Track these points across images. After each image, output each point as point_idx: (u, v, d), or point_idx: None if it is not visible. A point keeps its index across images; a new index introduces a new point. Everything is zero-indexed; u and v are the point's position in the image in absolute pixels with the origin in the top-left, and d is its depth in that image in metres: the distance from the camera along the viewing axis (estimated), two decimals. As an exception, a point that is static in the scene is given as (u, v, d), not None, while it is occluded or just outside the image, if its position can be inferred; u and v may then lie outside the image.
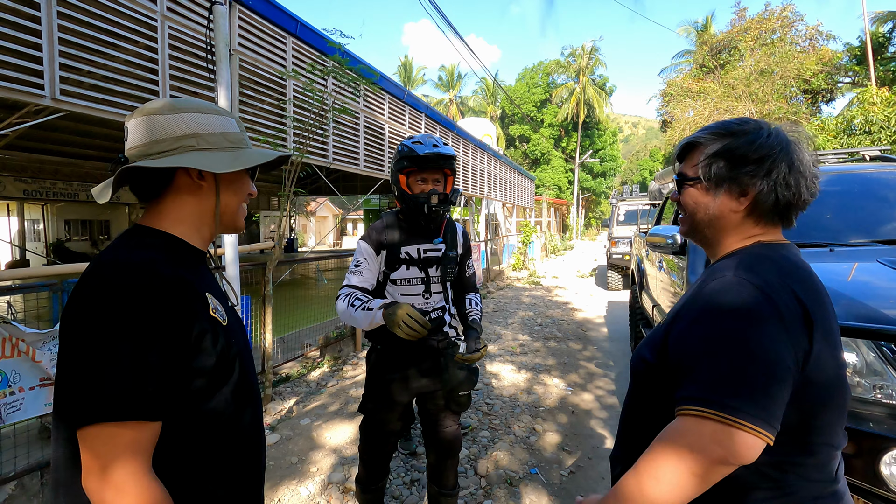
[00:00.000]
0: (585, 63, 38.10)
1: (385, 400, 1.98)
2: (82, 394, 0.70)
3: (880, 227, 2.63)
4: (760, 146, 0.86)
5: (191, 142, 0.87)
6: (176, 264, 0.82)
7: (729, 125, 0.91)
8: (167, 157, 0.85)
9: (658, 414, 0.86)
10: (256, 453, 0.94)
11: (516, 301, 9.10)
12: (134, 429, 0.70)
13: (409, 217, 1.94)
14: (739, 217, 0.90)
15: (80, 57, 3.53)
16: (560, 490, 2.72)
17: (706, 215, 0.92)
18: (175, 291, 0.77)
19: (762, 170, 0.85)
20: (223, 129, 0.91)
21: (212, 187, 0.90)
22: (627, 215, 11.14)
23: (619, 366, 5.04)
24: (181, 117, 0.87)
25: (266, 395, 3.91)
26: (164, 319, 0.74)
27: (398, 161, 1.90)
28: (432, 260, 1.97)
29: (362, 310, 1.77)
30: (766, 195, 0.86)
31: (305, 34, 5.86)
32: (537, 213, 26.15)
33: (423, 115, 9.72)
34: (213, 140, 0.89)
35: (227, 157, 0.89)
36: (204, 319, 0.81)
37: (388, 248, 1.92)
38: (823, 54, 19.22)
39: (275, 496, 2.62)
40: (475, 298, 2.15)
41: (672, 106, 23.41)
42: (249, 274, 4.59)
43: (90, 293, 0.74)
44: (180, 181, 0.88)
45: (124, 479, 0.69)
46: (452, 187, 1.97)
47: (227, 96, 3.06)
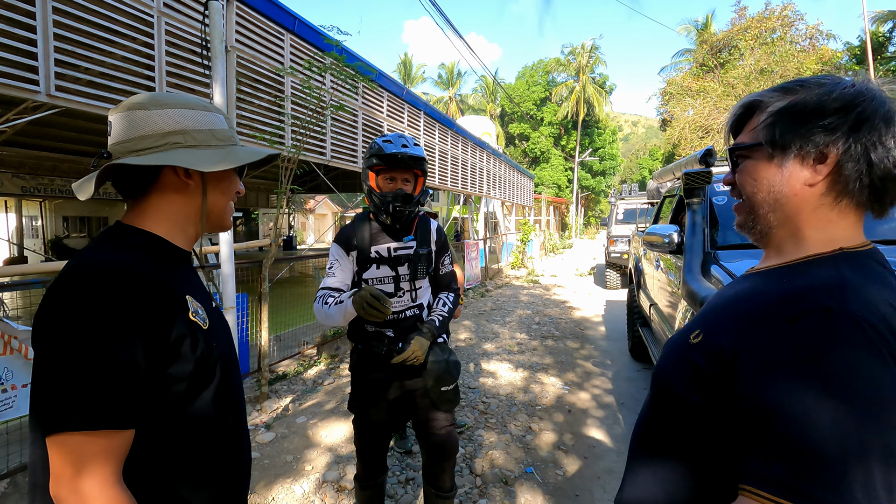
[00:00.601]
0: (585, 61, 38.05)
1: (370, 399, 2.01)
2: (51, 401, 0.68)
3: (879, 227, 2.62)
4: (843, 94, 0.64)
5: (178, 138, 0.84)
6: (156, 266, 0.80)
7: (802, 79, 0.70)
8: (153, 154, 0.82)
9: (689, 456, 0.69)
10: (238, 459, 0.92)
11: (514, 299, 9.10)
12: (103, 437, 0.69)
13: (378, 216, 1.95)
14: (817, 194, 0.66)
15: (76, 52, 3.50)
16: (556, 489, 2.71)
17: (770, 194, 0.69)
18: (151, 295, 0.75)
19: (847, 122, 0.63)
20: (211, 126, 0.88)
21: (199, 186, 0.88)
22: (626, 214, 11.13)
23: (617, 365, 5.03)
24: (167, 113, 0.84)
25: (262, 394, 3.90)
26: (138, 325, 0.72)
27: (368, 158, 1.91)
28: (402, 258, 1.97)
29: (335, 304, 1.79)
30: (855, 159, 0.63)
31: (303, 31, 5.83)
32: (536, 211, 26.14)
33: (422, 113, 9.70)
34: (201, 137, 0.86)
35: (216, 155, 0.86)
36: (182, 324, 0.79)
37: (359, 248, 1.93)
38: (823, 54, 19.22)
39: (269, 494, 2.61)
40: (446, 297, 2.08)
41: (672, 105, 23.40)
42: (246, 271, 4.57)
43: (62, 297, 0.72)
44: (166, 179, 0.86)
45: (91, 489, 0.68)
46: (422, 188, 1.98)
47: (222, 93, 3.04)
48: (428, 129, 10.03)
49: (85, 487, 0.67)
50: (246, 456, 0.96)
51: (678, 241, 2.87)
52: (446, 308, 2.05)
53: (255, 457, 2.97)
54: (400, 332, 1.96)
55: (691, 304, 2.23)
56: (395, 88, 8.49)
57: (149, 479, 0.76)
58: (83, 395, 0.67)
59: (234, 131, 0.94)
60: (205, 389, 0.82)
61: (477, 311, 7.85)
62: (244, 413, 0.96)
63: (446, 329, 2.08)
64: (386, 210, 1.88)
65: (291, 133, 5.53)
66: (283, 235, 20.92)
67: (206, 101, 0.90)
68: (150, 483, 0.77)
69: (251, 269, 4.42)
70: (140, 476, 0.75)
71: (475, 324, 6.89)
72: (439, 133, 10.72)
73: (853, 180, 0.64)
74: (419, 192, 1.95)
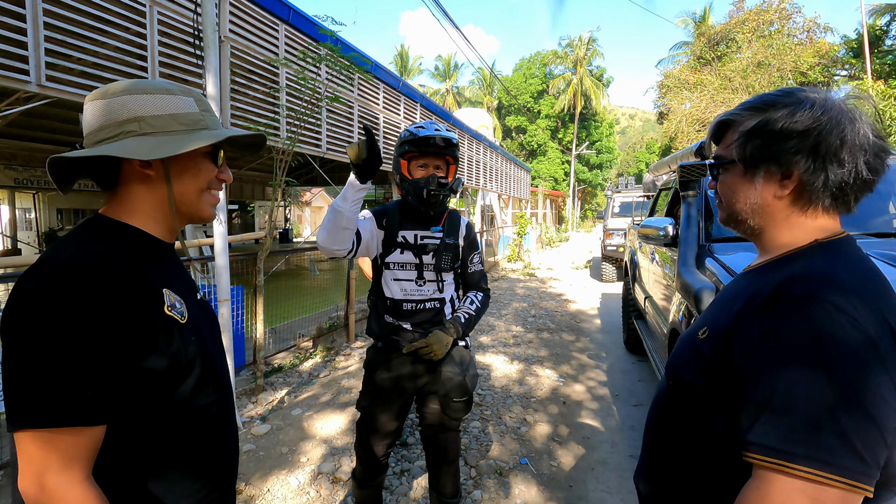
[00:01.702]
0: (583, 54, 37.90)
1: (381, 399, 1.95)
2: (16, 397, 0.67)
3: (872, 220, 2.63)
4: (804, 117, 0.73)
5: (132, 126, 0.80)
6: (128, 259, 0.78)
7: (769, 97, 0.78)
8: (103, 146, 0.79)
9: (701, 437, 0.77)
10: (221, 452, 0.90)
11: (510, 292, 9.11)
12: (69, 434, 0.68)
13: (409, 203, 1.92)
14: (786, 204, 0.77)
15: (67, 42, 3.46)
16: (550, 480, 2.73)
17: (747, 203, 0.80)
18: (118, 290, 0.72)
19: (807, 144, 0.72)
20: (173, 111, 0.83)
21: (160, 175, 0.83)
22: (622, 207, 11.15)
23: (612, 357, 5.06)
24: (126, 100, 0.81)
25: (258, 386, 3.90)
26: (105, 321, 0.70)
27: (400, 146, 1.89)
28: (428, 247, 1.93)
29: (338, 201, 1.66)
30: (814, 175, 0.73)
31: (298, 21, 5.78)
32: (533, 204, 26.13)
33: (419, 105, 9.65)
34: (160, 123, 0.82)
35: (171, 141, 0.81)
36: (156, 318, 0.76)
37: (388, 228, 1.91)
38: (821, 47, 19.18)
39: (265, 486, 2.62)
40: (474, 296, 2.03)
41: (669, 98, 23.35)
42: (241, 264, 4.56)
43: (27, 292, 0.70)
44: (126, 170, 0.83)
45: (58, 486, 0.67)
46: (455, 176, 1.95)
47: (215, 83, 3.01)
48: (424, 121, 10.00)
49: (51, 484, 0.66)
50: (231, 447, 0.95)
51: (673, 233, 2.88)
52: (474, 307, 1.99)
53: (250, 449, 2.98)
54: (419, 324, 1.92)
55: (685, 296, 2.24)
56: (392, 80, 8.43)
57: (124, 474, 0.76)
58: (47, 392, 0.66)
59: (207, 114, 0.88)
60: (181, 384, 0.80)
61: (473, 304, 7.86)
62: (230, 406, 0.94)
63: (472, 328, 1.99)
64: (419, 195, 1.85)
65: (286, 125, 5.49)
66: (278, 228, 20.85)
67: (172, 85, 0.86)
68: (126, 478, 0.76)
69: (246, 261, 4.40)
70: (115, 471, 0.74)
71: (471, 316, 6.90)
72: (436, 125, 10.69)
73: (816, 191, 0.74)
74: (452, 180, 1.93)
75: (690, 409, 0.78)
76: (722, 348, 0.73)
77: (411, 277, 1.92)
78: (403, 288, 1.92)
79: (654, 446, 0.89)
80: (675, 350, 0.88)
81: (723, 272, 2.19)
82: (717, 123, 0.85)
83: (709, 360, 0.75)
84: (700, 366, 0.76)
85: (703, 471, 0.78)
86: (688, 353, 0.81)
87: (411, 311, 1.92)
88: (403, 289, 1.92)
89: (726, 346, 0.72)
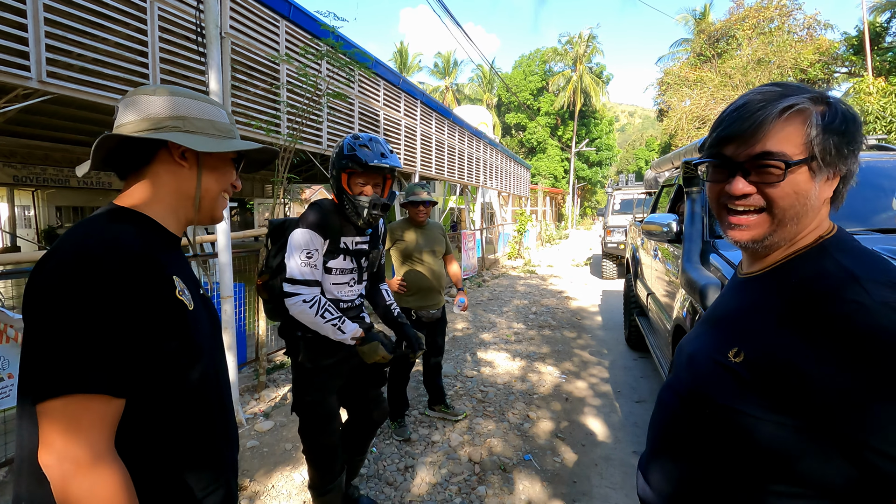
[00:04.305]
0: (583, 51, 37.81)
1: (325, 388, 2.01)
2: (44, 367, 0.68)
3: (875, 216, 2.63)
4: (854, 115, 0.69)
5: (177, 123, 0.87)
6: (145, 242, 0.81)
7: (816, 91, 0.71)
8: (153, 133, 0.84)
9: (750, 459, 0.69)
10: (222, 444, 0.92)
11: (511, 289, 9.11)
12: (99, 402, 0.69)
13: (349, 216, 1.98)
14: (822, 205, 0.72)
15: (68, 38, 3.44)
16: (553, 476, 2.74)
17: (804, 207, 0.70)
18: (140, 267, 0.75)
19: (858, 146, 0.69)
20: (212, 118, 0.91)
21: (193, 168, 0.90)
22: (623, 204, 11.14)
23: (613, 354, 5.06)
24: (171, 100, 0.87)
25: (260, 382, 3.90)
26: (128, 295, 0.72)
27: (341, 160, 1.90)
28: (362, 252, 2.06)
29: (332, 326, 1.85)
30: (851, 177, 0.70)
31: (299, 17, 5.76)
32: (533, 201, 26.13)
33: (419, 102, 9.62)
34: (201, 125, 0.89)
35: (213, 142, 0.89)
36: (169, 301, 0.80)
37: (331, 237, 1.95)
38: (821, 44, 19.16)
39: (269, 482, 2.62)
40: (386, 290, 2.32)
41: (669, 95, 23.33)
42: (243, 261, 4.56)
43: (58, 264, 0.72)
44: (162, 158, 0.88)
45: (85, 455, 0.67)
46: (391, 190, 2.04)
47: (217, 80, 3.00)
48: (425, 118, 9.97)
49: (78, 453, 0.67)
50: (232, 439, 0.97)
51: (677, 230, 2.87)
52: (391, 298, 2.32)
53: (254, 445, 2.98)
54: (350, 319, 2.04)
55: (690, 292, 2.23)
56: (392, 77, 8.41)
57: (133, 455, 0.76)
58: (77, 359, 0.68)
59: (234, 127, 0.96)
60: (188, 370, 0.83)
61: (474, 301, 7.87)
62: (230, 403, 0.97)
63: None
64: (361, 215, 1.94)
65: (287, 121, 5.48)
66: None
67: (209, 98, 0.94)
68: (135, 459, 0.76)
69: (248, 258, 4.40)
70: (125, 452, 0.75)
71: (472, 314, 6.90)
72: (436, 122, 10.66)
73: (845, 190, 0.72)
74: (388, 195, 2.01)
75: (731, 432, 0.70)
76: (777, 375, 0.65)
77: (347, 280, 2.03)
78: (340, 290, 2.02)
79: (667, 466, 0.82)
80: (694, 370, 0.80)
81: (728, 268, 2.18)
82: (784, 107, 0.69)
83: (749, 382, 0.68)
84: (738, 390, 0.69)
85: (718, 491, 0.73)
86: (716, 376, 0.73)
87: (345, 309, 2.04)
88: (340, 291, 2.02)
89: (786, 374, 0.64)
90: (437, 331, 3.34)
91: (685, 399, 0.79)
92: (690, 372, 0.80)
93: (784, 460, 0.65)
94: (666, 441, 0.83)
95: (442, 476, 2.71)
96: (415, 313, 3.18)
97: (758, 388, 0.67)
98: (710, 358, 0.76)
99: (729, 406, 0.70)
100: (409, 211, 3.20)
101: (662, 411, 0.86)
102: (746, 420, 0.67)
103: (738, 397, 0.69)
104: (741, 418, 0.68)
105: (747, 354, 0.69)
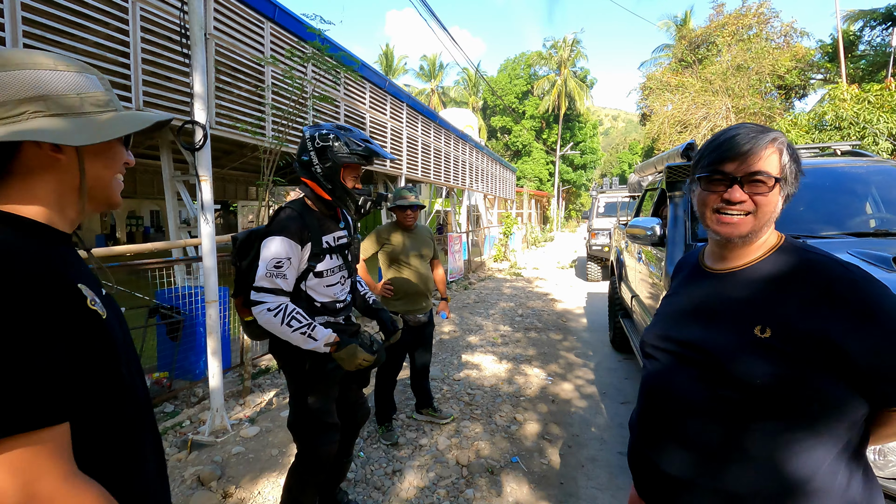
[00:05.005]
0: (567, 55, 38.21)
1: (328, 395, 1.98)
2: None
3: (850, 220, 2.71)
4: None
5: (38, 106, 0.72)
6: (43, 251, 0.70)
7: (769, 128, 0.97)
8: (6, 126, 0.70)
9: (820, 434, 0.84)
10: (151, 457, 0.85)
11: (497, 292, 9.15)
12: (49, 433, 0.63)
13: (328, 207, 1.93)
14: (776, 215, 0.96)
15: (46, 38, 3.38)
16: (541, 478, 2.75)
17: (774, 213, 0.94)
18: (49, 283, 0.66)
19: (800, 175, 0.96)
20: (81, 90, 0.76)
21: (73, 161, 0.75)
22: (607, 207, 11.27)
23: (599, 355, 5.12)
24: (27, 75, 0.71)
25: (245, 388, 3.85)
26: (46, 316, 0.64)
27: (345, 154, 1.82)
28: (343, 246, 1.99)
29: (301, 335, 1.75)
30: (791, 198, 0.96)
31: (284, 19, 5.72)
32: (518, 204, 26.28)
33: (405, 105, 9.62)
34: (67, 103, 0.74)
35: (90, 125, 0.74)
36: (82, 313, 0.70)
37: (312, 240, 1.85)
38: (797, 51, 19.67)
39: (255, 489, 2.59)
40: (360, 278, 2.29)
41: (651, 99, 23.70)
42: (226, 265, 4.49)
43: None
44: (29, 154, 0.72)
45: (56, 487, 0.62)
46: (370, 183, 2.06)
47: (202, 82, 2.96)
48: (411, 121, 9.97)
49: (47, 489, 0.61)
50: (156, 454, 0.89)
51: (661, 233, 2.92)
52: (365, 288, 2.30)
53: (239, 451, 2.94)
54: (346, 318, 2.04)
55: (674, 295, 2.27)
56: (378, 80, 8.40)
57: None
58: (21, 393, 0.61)
59: (111, 94, 0.82)
60: (108, 382, 0.75)
61: (461, 304, 7.88)
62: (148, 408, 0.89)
63: None
64: (357, 207, 1.90)
65: (273, 124, 5.43)
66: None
67: (70, 60, 0.78)
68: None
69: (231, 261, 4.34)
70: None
71: (459, 316, 6.91)
72: (422, 125, 10.67)
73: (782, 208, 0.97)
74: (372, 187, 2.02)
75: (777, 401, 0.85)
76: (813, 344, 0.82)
77: (339, 279, 1.98)
78: (335, 290, 1.97)
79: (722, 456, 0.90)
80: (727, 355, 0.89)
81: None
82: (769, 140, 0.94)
83: (780, 350, 0.84)
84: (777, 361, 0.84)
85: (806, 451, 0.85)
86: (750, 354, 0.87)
87: (341, 308, 2.01)
88: (336, 291, 1.97)
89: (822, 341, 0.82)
90: (425, 334, 3.34)
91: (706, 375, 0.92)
92: (704, 352, 0.93)
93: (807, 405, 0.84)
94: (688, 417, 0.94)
95: (430, 479, 2.71)
96: (402, 317, 3.17)
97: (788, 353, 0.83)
98: (732, 337, 0.90)
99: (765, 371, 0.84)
100: (398, 215, 3.19)
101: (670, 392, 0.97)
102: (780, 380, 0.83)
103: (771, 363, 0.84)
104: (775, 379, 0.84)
105: (774, 329, 0.86)
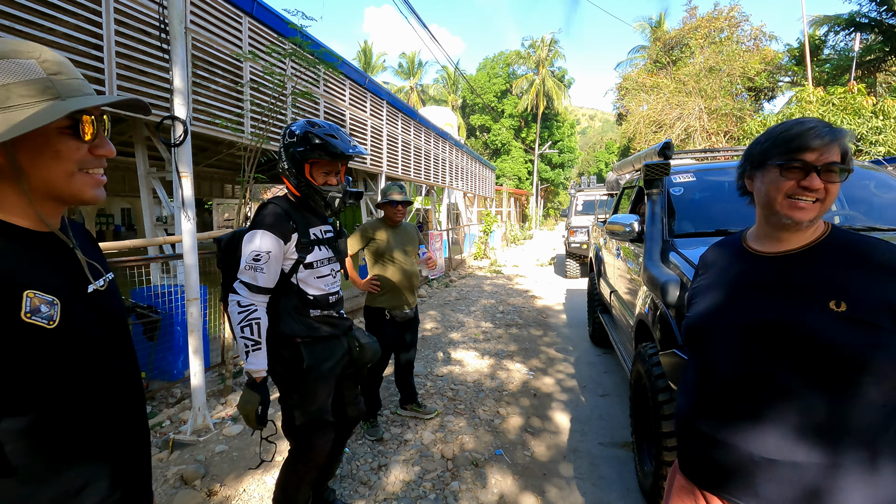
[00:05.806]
0: (545, 55, 38.59)
1: (325, 393, 1.95)
2: None
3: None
4: None
5: None
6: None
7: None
8: None
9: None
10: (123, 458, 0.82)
11: (478, 289, 9.22)
12: None
13: (308, 202, 1.93)
14: None
15: (12, 28, 3.27)
16: (524, 469, 2.81)
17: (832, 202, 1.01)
18: None
19: None
20: (14, 78, 0.69)
21: (6, 159, 0.70)
22: (585, 205, 11.45)
23: (578, 350, 5.22)
24: None
25: (226, 387, 3.81)
26: None
27: (306, 149, 1.81)
28: (331, 239, 2.01)
29: (244, 345, 1.73)
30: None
31: (262, 14, 5.65)
32: (498, 202, 26.45)
33: (385, 103, 9.59)
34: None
35: (23, 118, 0.68)
36: (13, 327, 0.65)
37: (299, 233, 1.86)
38: (766, 54, 20.30)
39: (240, 486, 2.57)
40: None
41: (627, 100, 24.13)
42: (206, 262, 4.42)
43: None
44: None
45: None
46: (346, 177, 2.02)
47: (182, 77, 2.91)
48: (391, 118, 9.95)
49: None
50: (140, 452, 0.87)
51: (639, 229, 3.00)
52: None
53: (223, 450, 2.92)
54: (338, 312, 2.04)
55: (652, 289, 2.35)
56: (358, 77, 8.36)
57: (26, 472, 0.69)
58: None
59: (58, 78, 0.74)
60: (54, 393, 0.71)
61: (442, 301, 7.91)
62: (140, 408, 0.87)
63: None
64: (331, 205, 1.90)
65: (252, 121, 5.36)
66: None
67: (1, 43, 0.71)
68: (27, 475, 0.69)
69: (212, 259, 4.28)
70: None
71: (441, 313, 6.95)
72: (402, 123, 10.65)
73: None
74: (345, 181, 1.99)
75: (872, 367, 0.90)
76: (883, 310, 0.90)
77: (329, 271, 1.99)
78: (327, 282, 1.98)
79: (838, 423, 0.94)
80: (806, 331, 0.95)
81: (686, 265, 2.31)
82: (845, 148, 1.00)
83: (867, 323, 0.90)
84: (859, 330, 0.90)
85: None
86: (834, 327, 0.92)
87: (335, 302, 2.01)
88: (327, 283, 1.98)
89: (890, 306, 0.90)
90: (410, 330, 3.37)
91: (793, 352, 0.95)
92: (787, 330, 0.97)
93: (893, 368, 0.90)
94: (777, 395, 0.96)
95: (415, 473, 2.74)
96: (388, 313, 3.19)
97: (866, 322, 0.90)
98: (813, 313, 0.95)
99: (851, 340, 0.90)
100: (386, 210, 3.20)
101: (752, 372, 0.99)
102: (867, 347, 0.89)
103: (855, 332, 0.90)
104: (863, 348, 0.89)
105: (849, 303, 0.92)
